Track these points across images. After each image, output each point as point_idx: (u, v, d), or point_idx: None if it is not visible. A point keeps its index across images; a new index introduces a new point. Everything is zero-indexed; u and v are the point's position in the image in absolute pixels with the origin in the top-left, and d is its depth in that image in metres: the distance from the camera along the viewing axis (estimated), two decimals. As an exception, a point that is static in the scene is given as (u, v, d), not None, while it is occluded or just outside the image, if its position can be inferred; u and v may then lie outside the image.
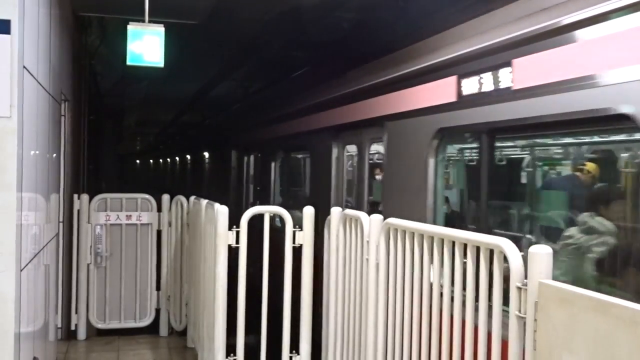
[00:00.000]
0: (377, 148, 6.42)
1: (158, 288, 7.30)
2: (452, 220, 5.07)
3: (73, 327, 7.08)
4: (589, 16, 3.45)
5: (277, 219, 5.57)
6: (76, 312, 7.07)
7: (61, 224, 6.47)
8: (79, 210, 7.01)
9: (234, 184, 13.72)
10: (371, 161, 6.63)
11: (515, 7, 4.29)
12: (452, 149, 5.25)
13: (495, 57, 4.19)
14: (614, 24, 3.29)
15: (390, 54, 5.99)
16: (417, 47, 5.46)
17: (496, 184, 4.43)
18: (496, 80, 4.18)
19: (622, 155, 4.01)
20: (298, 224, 4.80)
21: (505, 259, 2.72)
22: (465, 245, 3.03)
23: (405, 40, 5.79)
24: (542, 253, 2.53)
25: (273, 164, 10.41)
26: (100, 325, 7.18)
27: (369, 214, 4.08)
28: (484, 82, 4.30)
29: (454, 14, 5.15)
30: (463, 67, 4.53)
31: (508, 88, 4.05)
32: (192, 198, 6.71)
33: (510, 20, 4.20)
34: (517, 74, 3.97)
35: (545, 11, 3.88)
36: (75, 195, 7.06)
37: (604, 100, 3.31)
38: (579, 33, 3.53)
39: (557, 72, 3.65)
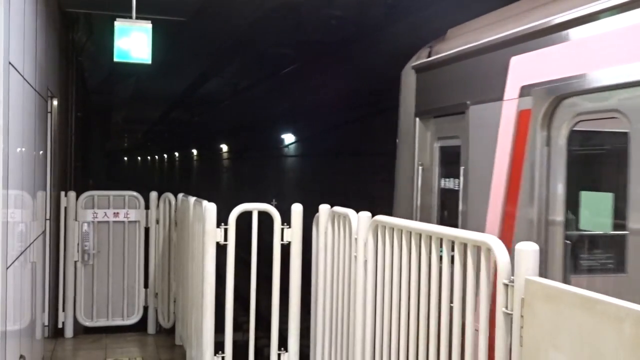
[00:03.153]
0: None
1: (146, 286, 7.27)
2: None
3: (60, 325, 7.04)
4: None
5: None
6: (63, 310, 7.03)
7: (48, 222, 6.43)
8: (66, 208, 6.97)
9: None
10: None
11: None
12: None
13: None
14: None
15: None
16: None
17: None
18: None
19: None
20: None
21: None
22: (452, 242, 3.04)
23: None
24: (528, 250, 2.55)
25: None
26: (87, 323, 7.15)
27: None
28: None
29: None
30: None
31: None
32: (180, 195, 6.69)
33: None
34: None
35: None
36: (63, 193, 7.02)
37: None
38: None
39: None
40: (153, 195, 7.28)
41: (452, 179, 4.84)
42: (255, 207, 4.78)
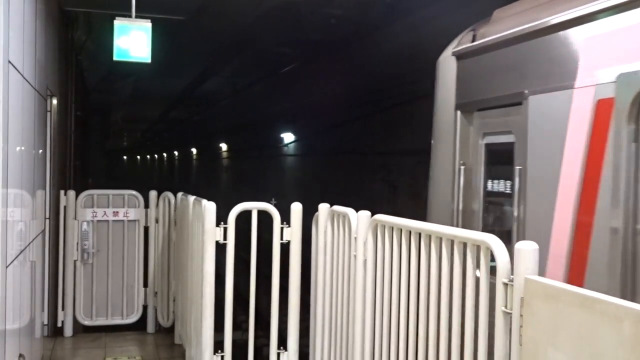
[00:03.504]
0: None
1: (145, 285, 7.27)
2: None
3: (59, 324, 7.04)
4: None
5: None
6: (63, 309, 7.03)
7: (47, 221, 6.43)
8: (65, 207, 6.97)
9: None
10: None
11: None
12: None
13: None
14: None
15: None
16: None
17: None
18: None
19: None
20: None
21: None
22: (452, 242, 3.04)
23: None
24: (528, 249, 2.55)
25: None
26: (87, 322, 7.15)
27: None
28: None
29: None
30: None
31: None
32: (180, 194, 6.69)
33: None
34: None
35: None
36: (62, 192, 7.01)
37: None
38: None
39: None
40: (152, 194, 7.27)
41: (502, 181, 4.28)
42: (254, 206, 4.78)
